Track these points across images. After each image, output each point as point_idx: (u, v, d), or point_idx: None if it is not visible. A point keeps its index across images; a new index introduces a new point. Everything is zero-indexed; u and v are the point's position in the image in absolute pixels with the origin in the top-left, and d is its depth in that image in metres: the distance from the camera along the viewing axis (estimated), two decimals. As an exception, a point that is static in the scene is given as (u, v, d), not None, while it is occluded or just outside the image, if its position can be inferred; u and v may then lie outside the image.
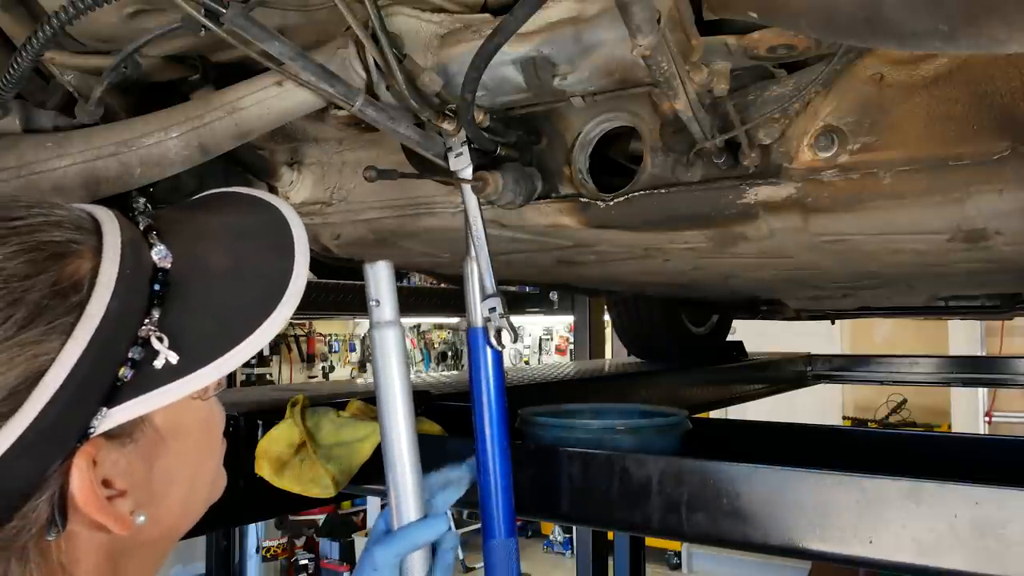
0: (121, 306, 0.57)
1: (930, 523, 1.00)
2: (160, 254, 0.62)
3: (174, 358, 0.59)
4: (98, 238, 0.60)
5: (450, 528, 0.92)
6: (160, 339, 0.59)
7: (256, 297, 0.65)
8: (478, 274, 1.05)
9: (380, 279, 0.95)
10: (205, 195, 0.76)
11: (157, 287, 0.61)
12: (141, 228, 0.65)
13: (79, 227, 0.60)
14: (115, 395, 0.57)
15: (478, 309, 1.05)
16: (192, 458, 0.68)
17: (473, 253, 1.06)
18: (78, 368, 0.55)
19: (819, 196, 1.17)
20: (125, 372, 0.57)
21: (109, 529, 0.59)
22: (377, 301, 0.95)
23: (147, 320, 0.59)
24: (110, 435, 0.59)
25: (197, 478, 0.70)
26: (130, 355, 0.58)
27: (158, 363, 0.58)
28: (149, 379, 0.58)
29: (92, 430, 0.57)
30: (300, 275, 0.66)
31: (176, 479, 0.66)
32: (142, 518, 0.61)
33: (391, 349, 0.96)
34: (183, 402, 0.63)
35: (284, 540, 7.53)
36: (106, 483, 0.59)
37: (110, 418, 0.57)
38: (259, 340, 0.63)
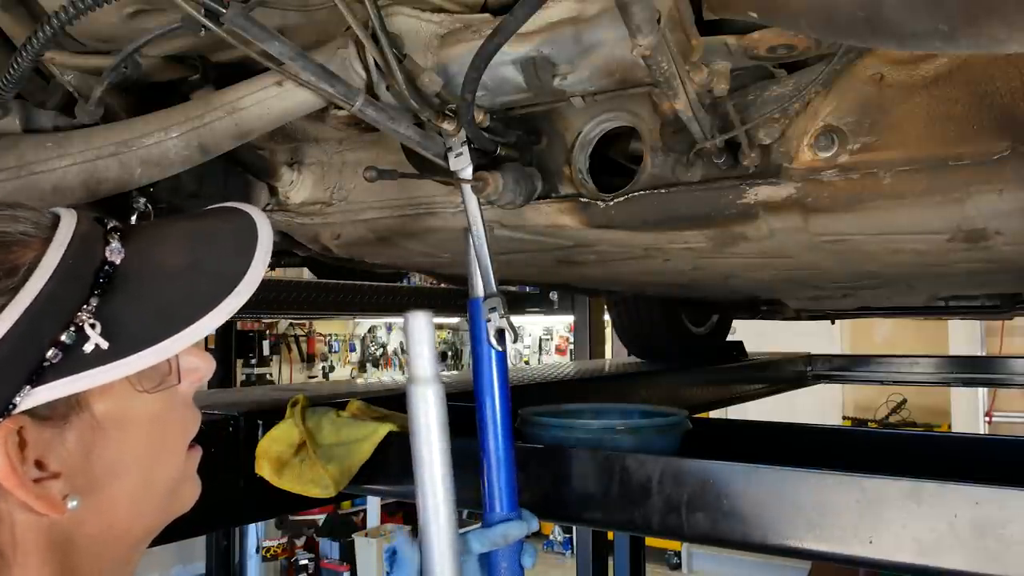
0: (56, 292, 0.61)
1: (930, 523, 1.00)
2: (112, 250, 0.66)
3: (104, 344, 0.61)
4: (52, 232, 0.64)
5: None
6: (92, 325, 0.61)
7: (204, 293, 0.67)
8: (473, 249, 1.05)
9: (418, 331, 0.94)
10: (204, 209, 0.79)
11: (101, 279, 0.64)
12: (108, 228, 0.68)
13: (36, 223, 0.64)
14: (41, 375, 0.60)
15: (479, 281, 1.05)
16: (141, 454, 0.69)
17: (473, 229, 1.06)
18: (1, 346, 0.58)
19: (819, 196, 1.17)
20: (54, 353, 0.60)
21: (39, 511, 0.61)
22: (414, 355, 0.94)
23: (84, 307, 0.62)
24: (42, 416, 0.61)
25: (151, 478, 0.70)
26: (61, 338, 0.60)
27: (87, 347, 0.61)
28: (77, 362, 0.61)
29: (13, 407, 0.59)
30: (253, 275, 0.68)
31: (121, 472, 0.67)
32: (74, 503, 0.63)
33: (431, 408, 0.94)
34: (127, 393, 0.66)
35: (284, 540, 7.52)
36: (39, 464, 0.62)
37: (33, 396, 0.59)
38: (197, 331, 0.65)
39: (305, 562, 7.32)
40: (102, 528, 0.67)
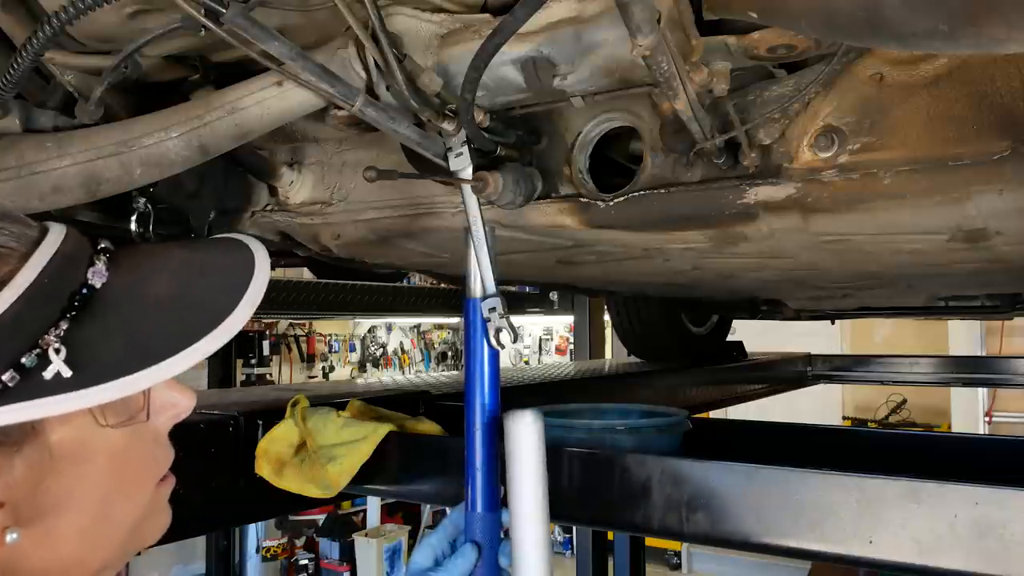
0: (24, 311, 0.57)
1: (930, 523, 1.00)
2: (95, 272, 0.62)
3: (67, 371, 0.57)
4: (34, 248, 0.60)
5: None
6: (57, 350, 0.57)
7: (183, 328, 0.63)
8: (474, 250, 1.05)
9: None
10: (209, 238, 0.76)
11: (76, 301, 0.60)
12: (96, 249, 0.65)
13: (18, 236, 0.61)
14: None
15: (477, 281, 1.05)
16: (95, 489, 0.64)
17: (473, 229, 1.06)
18: None
19: (819, 196, 1.17)
20: (11, 376, 0.56)
21: None
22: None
23: (52, 330, 0.58)
24: None
25: (107, 514, 0.66)
26: (22, 360, 0.57)
27: (47, 373, 0.57)
28: (35, 387, 0.57)
29: None
30: (239, 316, 0.64)
31: (71, 506, 0.63)
32: (14, 535, 0.59)
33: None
34: (88, 425, 0.62)
35: (284, 540, 7.52)
36: None
37: None
38: (167, 369, 0.61)
39: (305, 562, 7.32)
40: (47, 562, 0.63)
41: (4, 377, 0.56)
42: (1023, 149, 0.99)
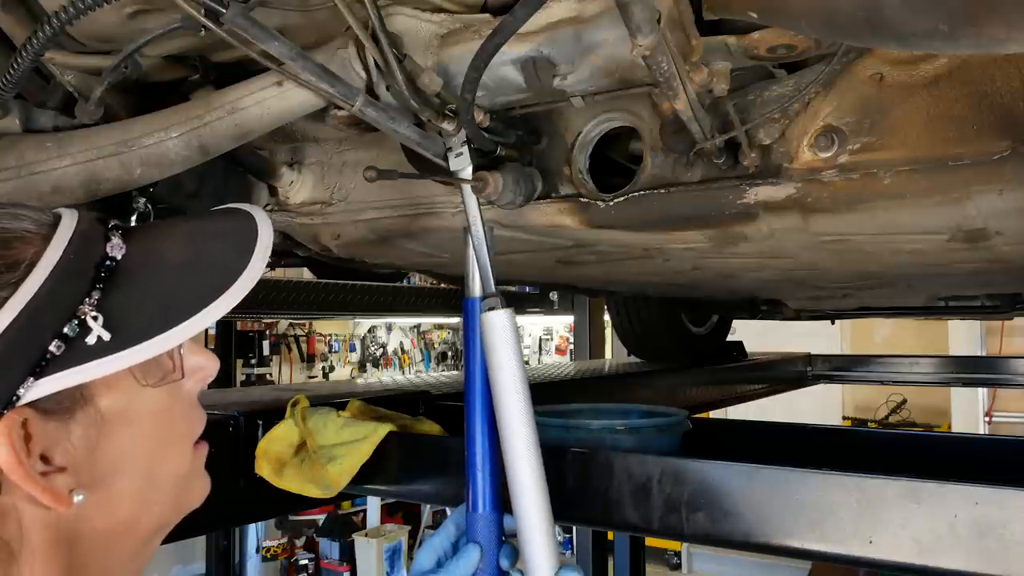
0: (57, 286, 0.62)
1: (930, 523, 1.00)
2: (113, 245, 0.67)
3: (106, 335, 0.62)
4: (53, 230, 0.65)
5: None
6: (95, 318, 0.63)
7: (204, 288, 0.68)
8: (473, 249, 1.05)
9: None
10: (208, 210, 0.81)
11: (103, 273, 0.65)
12: (109, 226, 0.70)
13: (37, 221, 0.66)
14: (44, 367, 0.61)
15: (476, 280, 1.05)
16: (145, 449, 0.70)
17: (472, 230, 1.06)
18: (3, 338, 0.59)
19: (819, 196, 1.17)
20: (57, 346, 0.61)
21: (45, 504, 0.62)
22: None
23: (86, 300, 0.63)
24: (47, 409, 0.62)
25: (157, 474, 0.71)
26: (64, 331, 0.62)
27: (90, 339, 0.62)
28: (80, 354, 0.62)
29: (17, 398, 0.60)
30: (252, 271, 0.69)
31: (126, 467, 0.68)
32: (80, 497, 0.64)
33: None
34: (131, 388, 0.67)
35: (284, 540, 7.52)
36: (45, 458, 0.63)
37: (37, 388, 0.61)
38: (195, 325, 0.66)
39: (305, 562, 7.32)
40: (109, 523, 0.68)
41: (51, 347, 0.61)
42: (1023, 149, 0.99)
